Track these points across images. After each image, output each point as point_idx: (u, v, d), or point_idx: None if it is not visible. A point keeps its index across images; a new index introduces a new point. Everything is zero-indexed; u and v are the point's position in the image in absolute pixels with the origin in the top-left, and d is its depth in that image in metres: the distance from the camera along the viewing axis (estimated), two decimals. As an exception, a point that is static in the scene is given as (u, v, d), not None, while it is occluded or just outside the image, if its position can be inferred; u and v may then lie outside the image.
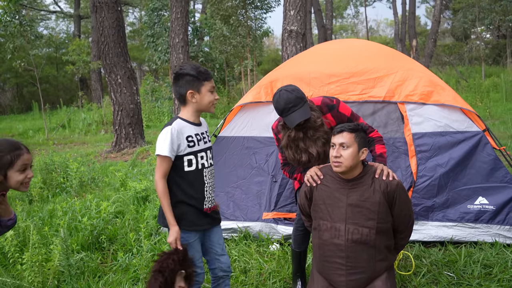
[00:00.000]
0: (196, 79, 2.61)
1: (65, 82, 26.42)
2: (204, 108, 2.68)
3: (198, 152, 2.65)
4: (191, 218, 2.63)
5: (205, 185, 2.68)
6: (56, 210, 5.03)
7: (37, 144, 12.61)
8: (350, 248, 2.81)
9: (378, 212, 2.77)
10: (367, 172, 2.84)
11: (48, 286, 3.57)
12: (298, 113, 2.96)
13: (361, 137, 2.82)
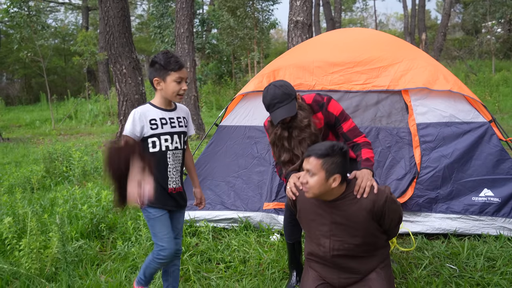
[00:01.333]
0: (163, 68, 2.74)
1: (73, 73, 26.48)
2: (169, 96, 2.80)
3: (161, 135, 2.78)
4: (157, 196, 2.73)
5: (168, 166, 2.81)
6: (57, 198, 5.01)
7: (44, 134, 12.65)
8: (336, 259, 2.74)
9: (364, 228, 2.64)
10: (351, 189, 2.66)
11: (45, 273, 3.55)
12: (282, 109, 2.89)
13: (332, 163, 2.54)
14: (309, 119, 2.97)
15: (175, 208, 2.89)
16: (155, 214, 2.79)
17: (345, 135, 3.13)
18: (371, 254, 2.75)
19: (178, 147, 2.85)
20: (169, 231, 2.82)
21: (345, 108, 4.32)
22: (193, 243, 4.14)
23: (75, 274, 3.52)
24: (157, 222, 2.79)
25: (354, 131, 3.14)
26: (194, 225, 4.42)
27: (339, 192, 2.64)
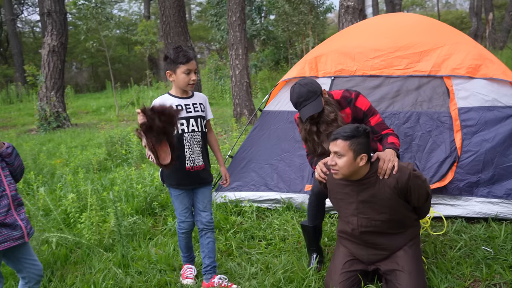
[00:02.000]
0: (173, 62, 3.08)
1: (136, 61, 27.60)
2: (181, 86, 3.13)
3: None
4: (174, 177, 3.17)
5: (185, 147, 3.13)
6: (116, 178, 5.45)
7: (108, 120, 13.39)
8: (364, 236, 2.91)
9: (389, 206, 2.79)
10: (375, 169, 2.80)
11: (103, 244, 3.95)
12: (309, 107, 3.07)
13: (358, 143, 2.70)
14: (336, 113, 3.13)
15: (196, 185, 3.22)
16: (174, 193, 3.23)
17: (373, 128, 3.28)
18: (398, 231, 2.88)
19: (195, 129, 3.17)
20: (187, 207, 3.23)
21: (385, 94, 4.43)
22: (238, 221, 4.40)
23: (129, 246, 3.89)
24: (176, 200, 3.23)
25: (381, 125, 3.30)
26: (239, 205, 4.67)
27: (364, 172, 2.79)
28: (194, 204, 3.32)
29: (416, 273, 2.82)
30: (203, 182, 3.26)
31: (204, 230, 3.29)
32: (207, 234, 3.30)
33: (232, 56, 9.44)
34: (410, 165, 2.79)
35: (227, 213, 4.53)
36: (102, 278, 3.36)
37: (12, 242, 2.50)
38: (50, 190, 5.22)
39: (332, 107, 3.16)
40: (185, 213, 3.25)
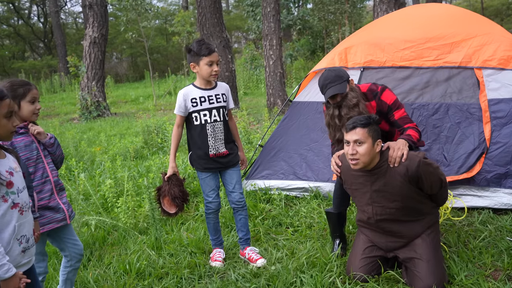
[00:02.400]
0: (196, 54, 3.28)
1: (173, 52, 28.00)
2: (204, 77, 3.34)
3: (200, 111, 3.36)
4: (200, 161, 3.43)
5: (208, 136, 3.37)
6: (151, 166, 5.69)
7: (146, 109, 13.76)
8: (380, 224, 3.00)
9: (401, 194, 2.87)
10: (385, 158, 2.90)
11: (138, 227, 4.19)
12: (333, 88, 3.19)
13: (374, 130, 2.83)
14: (358, 99, 3.23)
15: (221, 169, 3.48)
16: (201, 176, 3.48)
17: (396, 122, 3.36)
18: (415, 218, 2.96)
19: (217, 119, 3.39)
20: (213, 189, 3.46)
21: (415, 85, 4.45)
22: (267, 208, 4.54)
23: (162, 230, 4.10)
24: (203, 182, 3.48)
25: (405, 119, 3.37)
26: (268, 193, 4.82)
27: (376, 161, 2.89)
28: (224, 186, 3.57)
29: (434, 261, 2.89)
30: (228, 165, 3.49)
31: (236, 209, 3.57)
32: (238, 212, 3.57)
33: (266, 46, 9.54)
34: (421, 153, 2.87)
35: (256, 201, 4.68)
36: (136, 259, 3.58)
37: (55, 224, 2.72)
38: (90, 176, 5.51)
39: (356, 93, 3.26)
40: (212, 194, 3.48)
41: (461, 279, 2.96)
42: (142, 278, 3.36)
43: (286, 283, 3.09)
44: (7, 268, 2.02)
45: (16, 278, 2.06)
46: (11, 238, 2.11)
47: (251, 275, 3.24)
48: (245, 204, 3.58)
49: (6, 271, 2.02)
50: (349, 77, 3.31)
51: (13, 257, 2.12)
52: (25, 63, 26.71)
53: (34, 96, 2.62)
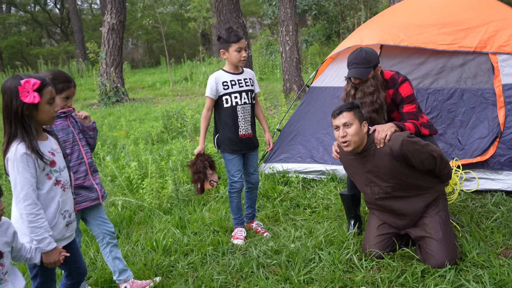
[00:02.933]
0: (226, 41, 3.55)
1: (189, 37, 28.15)
2: (233, 63, 3.60)
3: (231, 93, 3.60)
4: (228, 143, 3.67)
5: (238, 118, 3.62)
6: (172, 150, 5.89)
7: (163, 95, 13.96)
8: (381, 203, 3.17)
9: (390, 173, 3.04)
10: (372, 140, 3.08)
11: (162, 207, 4.39)
12: (356, 70, 3.33)
13: (359, 112, 3.04)
14: (376, 88, 3.34)
15: (247, 150, 3.74)
16: (228, 157, 3.70)
17: (403, 114, 3.49)
18: (414, 193, 3.11)
19: (246, 102, 3.65)
20: (239, 169, 3.68)
21: (430, 70, 4.55)
22: (285, 191, 4.71)
23: (185, 210, 4.30)
24: (229, 163, 3.71)
25: (411, 115, 3.47)
26: (286, 176, 4.98)
27: (364, 143, 3.08)
28: (244, 167, 3.82)
29: (445, 238, 3.03)
30: (253, 147, 3.77)
31: (251, 188, 3.91)
32: (253, 190, 3.93)
33: (283, 32, 9.63)
34: (406, 133, 3.03)
35: (274, 183, 4.85)
36: (162, 237, 3.78)
37: (89, 202, 2.90)
38: (114, 159, 5.73)
39: (376, 83, 3.38)
40: (238, 174, 3.73)
41: (473, 256, 3.10)
42: (169, 254, 3.56)
43: (305, 260, 3.26)
44: (49, 241, 2.22)
45: (57, 252, 2.26)
46: (56, 212, 2.31)
47: (272, 252, 3.42)
48: (258, 183, 3.96)
49: (48, 244, 2.22)
50: (377, 63, 3.41)
51: (59, 230, 2.33)
52: (43, 49, 27.06)
53: (69, 94, 2.79)
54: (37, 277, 2.36)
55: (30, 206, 2.17)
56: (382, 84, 3.43)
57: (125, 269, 3.08)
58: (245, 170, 3.84)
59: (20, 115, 2.18)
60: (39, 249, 2.21)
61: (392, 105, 3.51)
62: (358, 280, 2.97)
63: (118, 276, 3.06)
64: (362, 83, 3.38)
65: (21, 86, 2.15)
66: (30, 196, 2.18)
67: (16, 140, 2.19)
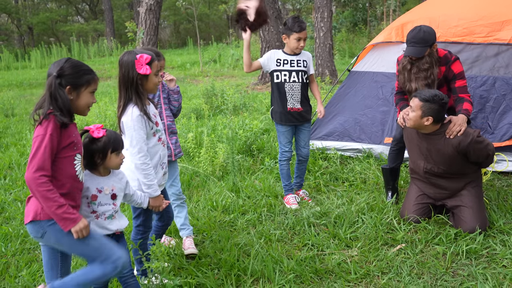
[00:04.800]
0: (289, 29, 3.95)
1: (215, 20, 28.53)
2: (291, 49, 4.02)
3: (282, 71, 4.04)
4: (279, 115, 4.10)
5: (286, 93, 4.04)
6: (217, 124, 6.36)
7: (193, 75, 14.43)
8: (428, 176, 3.58)
9: (449, 161, 3.44)
10: (444, 129, 3.43)
11: (216, 174, 4.87)
12: (413, 49, 3.70)
13: (429, 108, 3.32)
14: (431, 65, 3.74)
15: (297, 122, 4.13)
16: (280, 129, 4.14)
17: (455, 89, 3.86)
18: (458, 176, 3.53)
19: (296, 81, 4.03)
20: (289, 141, 4.17)
21: (465, 59, 4.91)
22: (324, 165, 5.15)
23: (236, 178, 4.77)
24: (282, 134, 4.14)
25: (463, 89, 3.87)
26: (325, 152, 5.42)
27: (434, 129, 3.46)
28: (296, 141, 4.26)
29: (477, 208, 3.46)
30: (302, 120, 4.15)
31: (301, 161, 4.33)
32: (303, 163, 4.36)
33: (318, 18, 9.97)
34: (476, 131, 3.39)
35: (315, 158, 5.29)
36: (220, 199, 4.27)
37: None
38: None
39: (432, 60, 3.76)
40: (288, 145, 4.18)
41: (500, 224, 3.53)
42: (228, 213, 4.05)
43: (350, 222, 3.72)
44: (156, 188, 2.72)
45: (160, 198, 2.76)
46: (158, 163, 2.80)
47: (320, 213, 3.88)
48: (308, 157, 4.33)
49: (155, 190, 2.72)
50: (434, 42, 3.78)
51: (159, 177, 2.82)
52: (73, 27, 27.68)
53: (162, 65, 3.23)
54: (140, 216, 2.86)
55: (144, 157, 2.66)
56: (436, 61, 3.82)
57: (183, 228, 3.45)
58: (297, 143, 4.27)
59: (136, 84, 2.65)
60: (147, 195, 2.70)
61: (442, 81, 3.91)
62: (399, 238, 3.42)
63: (180, 231, 3.49)
64: (418, 59, 3.78)
65: (137, 60, 2.62)
66: (143, 149, 2.66)
67: (130, 104, 2.66)
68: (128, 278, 2.57)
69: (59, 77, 2.25)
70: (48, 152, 2.14)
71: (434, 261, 3.13)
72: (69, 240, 2.25)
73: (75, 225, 2.20)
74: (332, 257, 3.23)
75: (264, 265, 3.13)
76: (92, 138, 2.42)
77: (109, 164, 2.46)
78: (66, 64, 2.29)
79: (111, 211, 2.49)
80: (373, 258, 3.21)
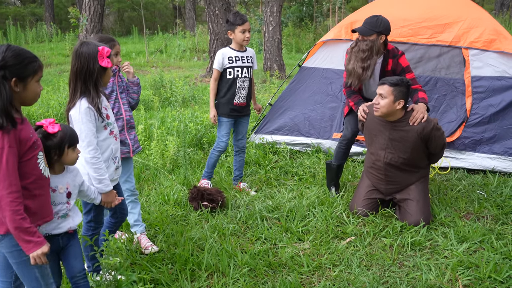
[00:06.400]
0: (232, 24, 4.12)
1: (161, 9, 27.93)
2: (239, 42, 4.16)
3: (235, 67, 4.18)
4: (224, 108, 4.25)
5: (237, 88, 4.19)
6: (166, 117, 6.28)
7: (139, 65, 14.10)
8: (387, 169, 3.72)
9: (411, 148, 3.60)
10: (408, 116, 3.59)
11: (166, 167, 4.82)
12: (362, 28, 3.97)
13: (399, 91, 3.48)
14: (369, 49, 3.92)
15: (239, 116, 4.30)
16: (223, 120, 4.26)
17: None
18: (412, 170, 3.69)
19: (246, 76, 4.23)
20: (228, 132, 4.30)
21: (410, 59, 5.12)
22: (274, 159, 5.22)
23: (187, 172, 4.74)
24: (222, 125, 4.28)
25: (414, 80, 4.10)
26: (275, 146, 5.49)
27: (399, 116, 3.60)
28: (235, 133, 4.41)
29: (422, 202, 3.65)
30: (244, 114, 4.35)
31: (239, 152, 4.48)
32: (240, 154, 4.50)
33: (267, 13, 10.02)
34: (435, 119, 3.60)
35: (265, 152, 5.35)
36: (172, 193, 4.23)
37: (122, 155, 3.23)
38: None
39: (372, 45, 3.92)
40: (226, 136, 4.32)
41: (441, 217, 3.73)
42: (180, 207, 4.02)
43: (301, 216, 3.80)
44: (107, 183, 2.66)
45: (113, 193, 2.69)
46: (109, 157, 2.74)
47: (272, 207, 3.94)
48: (245, 149, 4.53)
49: (106, 185, 2.65)
50: (383, 33, 3.96)
51: (110, 172, 2.76)
52: (9, 10, 26.22)
53: (117, 50, 3.16)
54: (90, 211, 2.78)
55: (93, 150, 2.58)
56: (378, 51, 3.97)
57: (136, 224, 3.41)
58: (235, 135, 4.43)
59: (96, 76, 2.57)
60: (98, 189, 2.63)
61: (391, 74, 4.07)
62: (348, 231, 3.54)
63: (132, 227, 3.43)
64: (362, 40, 3.94)
65: (100, 52, 2.55)
66: (92, 142, 2.59)
67: (82, 96, 2.58)
68: (79, 279, 2.48)
69: (1, 68, 1.99)
70: (12, 167, 1.97)
71: (382, 253, 3.27)
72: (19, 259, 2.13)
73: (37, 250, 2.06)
74: (285, 251, 3.30)
75: (219, 259, 3.14)
76: (47, 134, 2.28)
77: (65, 160, 2.36)
78: (8, 52, 2.01)
79: (65, 210, 2.39)
80: (324, 251, 3.30)
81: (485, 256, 3.18)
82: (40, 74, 2.14)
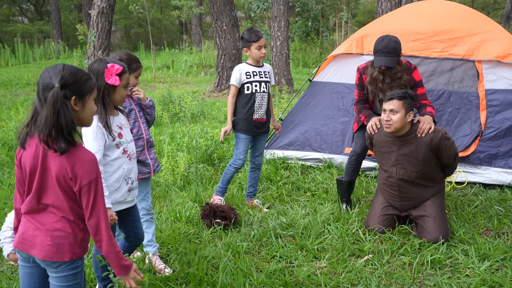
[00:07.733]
0: (247, 41, 4.10)
1: (167, 25, 28.16)
2: (255, 58, 4.14)
3: (253, 82, 4.12)
4: (243, 124, 4.17)
5: (255, 103, 4.12)
6: (175, 132, 6.23)
7: (146, 81, 14.15)
8: (400, 185, 3.64)
9: (423, 161, 3.53)
10: (415, 129, 3.54)
11: (177, 184, 4.76)
12: (386, 58, 3.79)
13: (408, 103, 3.47)
14: (403, 74, 3.88)
15: (259, 132, 4.22)
16: (241, 137, 4.19)
17: (417, 96, 3.98)
18: (427, 184, 3.61)
19: (265, 91, 4.17)
20: (246, 150, 4.22)
21: (422, 72, 5.07)
22: (286, 175, 5.15)
23: (198, 188, 4.68)
24: (241, 142, 4.20)
25: (424, 96, 4.06)
26: (287, 162, 5.42)
27: (407, 129, 3.53)
28: (252, 149, 4.32)
29: (440, 218, 3.56)
30: (263, 131, 4.27)
31: (255, 169, 4.39)
32: (255, 171, 4.41)
33: (275, 28, 10.04)
34: (443, 129, 3.53)
35: (276, 168, 5.28)
36: (184, 210, 4.16)
37: (141, 175, 3.12)
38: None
39: (402, 68, 3.89)
40: (244, 153, 4.23)
41: (460, 234, 3.64)
42: (192, 224, 3.95)
43: (316, 233, 3.72)
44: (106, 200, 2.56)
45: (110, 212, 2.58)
46: (121, 177, 2.67)
47: (286, 224, 3.86)
48: (261, 166, 4.44)
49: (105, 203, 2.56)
50: (401, 52, 3.91)
51: (121, 193, 2.69)
52: (18, 27, 26.50)
53: (139, 73, 3.11)
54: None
55: None
56: (405, 69, 3.94)
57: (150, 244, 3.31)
58: (253, 152, 4.34)
59: (102, 93, 2.53)
60: None
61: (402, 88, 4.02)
62: (365, 249, 3.45)
63: (145, 247, 3.33)
64: (389, 69, 3.86)
65: (107, 69, 2.51)
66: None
67: None
68: None
69: (62, 88, 1.92)
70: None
71: (401, 271, 3.17)
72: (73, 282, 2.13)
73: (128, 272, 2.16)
74: (301, 269, 3.21)
75: (233, 278, 3.06)
76: None
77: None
78: (66, 71, 1.95)
79: None
80: (341, 270, 3.22)
81: (508, 275, 3.07)
82: (96, 91, 2.12)
